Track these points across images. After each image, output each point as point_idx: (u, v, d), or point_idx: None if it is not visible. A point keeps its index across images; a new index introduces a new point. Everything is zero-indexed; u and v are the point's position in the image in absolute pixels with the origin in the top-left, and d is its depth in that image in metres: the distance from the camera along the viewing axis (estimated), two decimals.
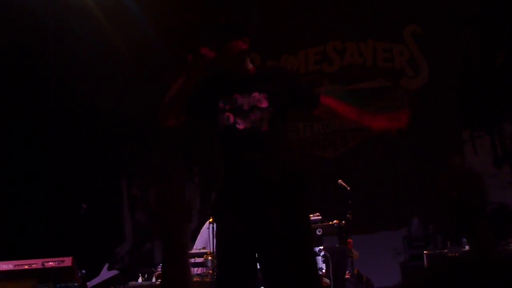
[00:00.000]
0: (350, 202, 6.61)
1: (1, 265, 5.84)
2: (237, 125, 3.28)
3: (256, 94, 3.31)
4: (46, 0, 8.65)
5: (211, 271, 5.52)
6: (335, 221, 6.51)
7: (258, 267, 3.24)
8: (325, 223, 6.40)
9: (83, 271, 6.94)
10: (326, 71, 9.67)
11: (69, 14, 8.98)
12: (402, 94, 9.33)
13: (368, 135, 9.22)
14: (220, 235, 3.36)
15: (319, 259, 5.80)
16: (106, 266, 6.27)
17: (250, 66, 3.44)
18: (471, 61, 9.08)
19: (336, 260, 5.95)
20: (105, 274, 6.19)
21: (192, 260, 5.65)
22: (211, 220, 5.89)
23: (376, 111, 9.23)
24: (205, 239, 6.13)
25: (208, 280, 5.32)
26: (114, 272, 6.28)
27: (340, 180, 6.75)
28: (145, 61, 9.46)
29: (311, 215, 6.35)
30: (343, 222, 6.47)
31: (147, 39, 9.34)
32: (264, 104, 3.30)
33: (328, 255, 5.80)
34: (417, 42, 9.36)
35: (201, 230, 6.21)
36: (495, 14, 8.90)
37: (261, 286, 3.34)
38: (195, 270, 5.79)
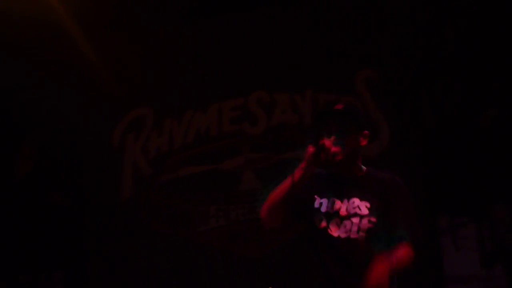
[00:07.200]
0: None
1: None
2: (330, 231, 3.15)
3: (356, 200, 3.16)
4: None
5: None
6: None
7: None
8: None
9: None
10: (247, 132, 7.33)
11: None
12: None
13: None
14: None
15: None
16: None
17: (362, 166, 3.27)
18: (449, 118, 6.60)
19: None
20: None
21: None
22: None
23: None
24: None
25: None
26: None
27: None
28: None
29: None
30: None
31: None
32: (364, 211, 3.14)
33: None
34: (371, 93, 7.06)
35: None
36: (481, 59, 6.44)
37: None
38: None
